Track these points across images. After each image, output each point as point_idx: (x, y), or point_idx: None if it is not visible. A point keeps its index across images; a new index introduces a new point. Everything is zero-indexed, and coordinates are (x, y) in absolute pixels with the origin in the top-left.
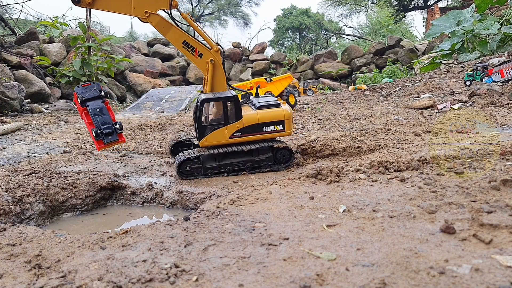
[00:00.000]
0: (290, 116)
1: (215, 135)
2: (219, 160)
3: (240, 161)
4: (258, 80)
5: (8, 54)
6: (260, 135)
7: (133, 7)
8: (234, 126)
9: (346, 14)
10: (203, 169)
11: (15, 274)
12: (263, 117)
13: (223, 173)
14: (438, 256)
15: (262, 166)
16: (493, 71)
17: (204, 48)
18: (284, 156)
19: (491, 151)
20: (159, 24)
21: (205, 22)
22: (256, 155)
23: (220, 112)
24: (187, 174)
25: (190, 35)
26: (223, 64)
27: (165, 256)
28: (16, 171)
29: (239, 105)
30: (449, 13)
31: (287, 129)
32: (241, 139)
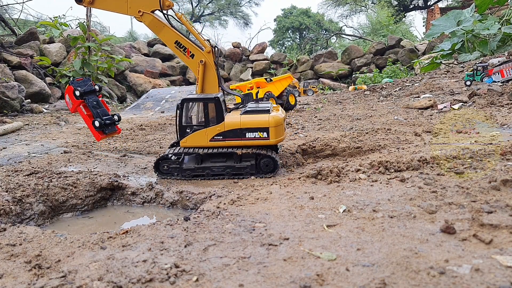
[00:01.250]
0: (277, 123)
1: (196, 137)
2: (199, 163)
3: (220, 166)
4: (258, 80)
5: (8, 54)
6: (242, 141)
7: (129, 6)
8: (215, 129)
9: (346, 14)
10: (181, 170)
11: (15, 274)
12: (246, 123)
13: (202, 177)
14: (438, 256)
15: (244, 174)
16: (493, 71)
17: (196, 49)
18: (268, 165)
19: (491, 151)
20: (151, 23)
21: (205, 22)
22: (237, 161)
23: (201, 113)
24: (165, 173)
25: (184, 35)
26: (217, 66)
27: (165, 256)
28: (16, 171)
29: (220, 107)
30: (449, 13)
31: (272, 137)
32: (222, 143)
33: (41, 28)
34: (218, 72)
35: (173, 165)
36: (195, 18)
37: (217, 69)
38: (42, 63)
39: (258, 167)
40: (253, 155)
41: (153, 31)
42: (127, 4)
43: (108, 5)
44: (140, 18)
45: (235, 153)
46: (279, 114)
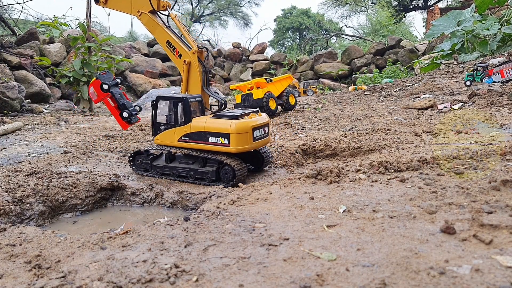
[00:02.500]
0: (240, 131)
1: (166, 135)
2: (168, 162)
3: (185, 168)
4: (258, 81)
5: (8, 55)
6: (205, 144)
7: (132, 7)
8: (182, 129)
9: (346, 14)
10: (152, 166)
11: (15, 275)
12: (209, 126)
13: (168, 176)
14: (438, 257)
15: (205, 179)
16: (493, 72)
17: (184, 50)
18: (227, 174)
19: (491, 151)
20: (148, 23)
21: (205, 23)
22: (201, 165)
23: (171, 113)
24: (139, 168)
25: (177, 35)
26: (204, 67)
27: (165, 257)
28: (16, 171)
29: (189, 108)
30: (449, 14)
31: (232, 145)
32: (188, 144)
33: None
34: (205, 74)
35: (145, 161)
36: (195, 18)
37: (204, 71)
38: (42, 63)
39: (218, 175)
40: (215, 160)
41: (149, 30)
42: (131, 5)
43: (117, 6)
44: (139, 18)
45: (197, 156)
46: (247, 121)
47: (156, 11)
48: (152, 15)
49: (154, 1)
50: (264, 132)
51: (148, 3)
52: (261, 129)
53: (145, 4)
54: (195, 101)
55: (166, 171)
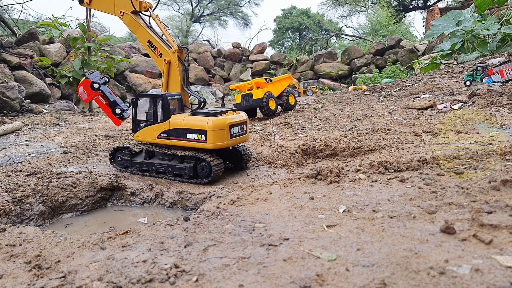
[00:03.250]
0: (217, 128)
1: (146, 132)
2: (147, 158)
3: (163, 164)
4: (258, 81)
5: (8, 55)
6: (184, 141)
7: (115, 7)
8: (161, 126)
9: (346, 14)
10: (131, 162)
11: (15, 275)
12: (187, 123)
13: (147, 172)
14: (438, 256)
15: (183, 175)
16: (493, 72)
17: (164, 49)
18: (203, 170)
19: (491, 151)
20: (130, 23)
21: (205, 23)
22: (179, 162)
23: (151, 110)
24: (119, 164)
25: (158, 35)
26: (184, 66)
27: (165, 257)
28: (16, 171)
29: (168, 105)
30: (449, 14)
31: (209, 141)
32: (167, 141)
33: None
34: (185, 73)
35: (125, 157)
36: (195, 19)
37: (184, 69)
38: (42, 64)
39: (196, 171)
40: (193, 157)
41: (131, 30)
42: (114, 5)
43: (100, 6)
44: (121, 18)
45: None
46: (224, 118)
47: (138, 11)
48: (134, 16)
49: (136, 2)
50: (241, 129)
51: (130, 4)
52: (238, 126)
53: (127, 5)
54: (175, 99)
55: (145, 168)
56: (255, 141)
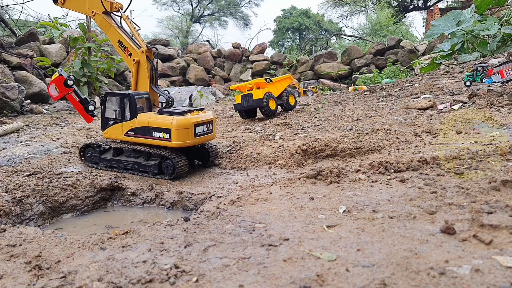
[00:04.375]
0: (181, 126)
1: (114, 129)
2: (115, 155)
3: (130, 161)
4: (258, 81)
5: (8, 55)
6: (149, 139)
7: (87, 7)
8: (128, 124)
9: (346, 14)
10: (100, 159)
11: (15, 275)
12: (153, 122)
13: (115, 168)
14: (438, 257)
15: (148, 172)
16: (493, 72)
17: (134, 49)
18: (167, 167)
19: (491, 151)
20: (101, 23)
21: (205, 23)
22: (145, 159)
23: (119, 108)
24: (88, 161)
25: (128, 35)
26: (153, 66)
27: (165, 257)
28: (16, 171)
29: (134, 104)
30: (449, 14)
31: (173, 140)
32: (133, 139)
33: (41, 29)
34: (153, 72)
35: (94, 154)
36: (195, 19)
37: (152, 69)
38: (42, 64)
39: (160, 168)
40: (158, 155)
41: (102, 29)
42: (86, 5)
43: (74, 6)
44: (93, 18)
45: (142, 150)
46: (189, 117)
47: (109, 12)
48: (105, 16)
49: (107, 3)
50: (207, 128)
51: (101, 4)
52: (203, 125)
53: (99, 6)
54: (142, 97)
55: (113, 164)
56: (255, 141)
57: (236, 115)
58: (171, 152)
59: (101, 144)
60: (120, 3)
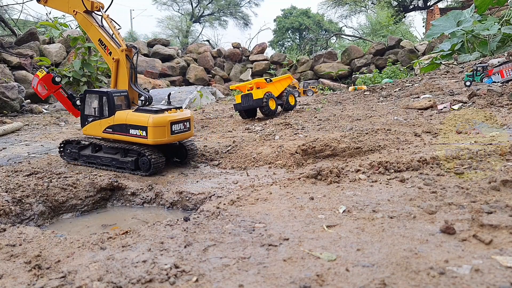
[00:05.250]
0: (157, 124)
1: (93, 126)
2: (93, 151)
3: (108, 158)
4: (258, 81)
5: (8, 55)
6: (127, 136)
7: (69, 6)
8: (106, 121)
9: (346, 14)
10: (79, 155)
11: (15, 275)
12: (130, 119)
13: (94, 165)
14: (438, 257)
15: (125, 169)
16: (493, 72)
17: (113, 48)
18: (144, 164)
19: (491, 151)
20: (82, 22)
21: (205, 23)
22: (122, 155)
23: (97, 106)
24: (68, 157)
25: (109, 34)
26: (132, 64)
27: (165, 257)
28: (16, 171)
29: (113, 102)
30: (449, 14)
31: (150, 137)
32: (111, 135)
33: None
34: (132, 71)
35: (74, 150)
36: (195, 19)
37: (132, 68)
38: (42, 64)
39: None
40: (135, 151)
41: (83, 28)
42: (68, 4)
43: (56, 5)
44: (75, 17)
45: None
46: (165, 115)
47: (91, 11)
48: (86, 15)
49: (88, 2)
50: (184, 126)
51: (82, 3)
52: (180, 123)
53: (80, 5)
54: (121, 95)
55: (91, 160)
56: (255, 141)
57: (236, 115)
58: (148, 149)
59: (80, 141)
60: (101, 3)
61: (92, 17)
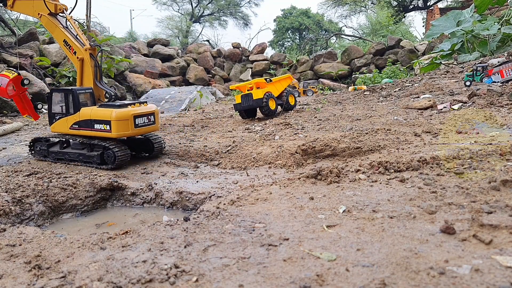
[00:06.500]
0: (120, 118)
1: (60, 123)
2: (61, 148)
3: (75, 153)
4: (258, 81)
5: (8, 55)
6: (92, 131)
7: (34, 10)
8: (72, 118)
9: (346, 14)
10: (48, 152)
11: (15, 275)
12: (94, 114)
13: (62, 160)
14: (438, 257)
15: (92, 162)
16: (493, 72)
17: (78, 47)
18: (109, 157)
19: (491, 151)
20: (47, 24)
21: (205, 23)
22: (89, 150)
23: (63, 103)
24: (38, 154)
25: (73, 35)
26: (96, 63)
27: (165, 257)
28: (16, 171)
29: (77, 99)
30: (449, 14)
31: (113, 131)
32: (78, 131)
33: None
34: (97, 69)
35: (43, 147)
36: (195, 19)
37: (96, 66)
38: (42, 64)
39: (103, 158)
40: (101, 146)
41: (49, 30)
42: (33, 8)
43: (22, 9)
44: (40, 19)
45: (86, 142)
46: (128, 109)
47: (55, 13)
48: (51, 17)
49: (51, 5)
50: (148, 120)
51: (45, 7)
52: (144, 117)
53: (44, 8)
54: (86, 93)
55: (60, 156)
56: (255, 141)
57: (236, 115)
58: (112, 142)
59: (49, 138)
60: (65, 5)
61: (56, 19)
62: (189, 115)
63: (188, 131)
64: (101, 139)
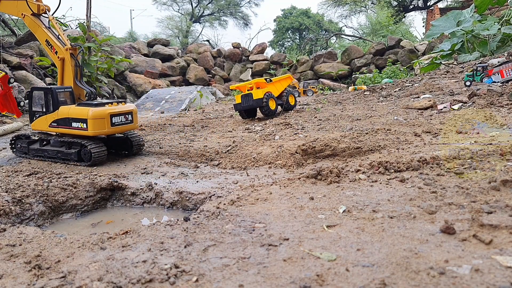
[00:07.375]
0: (97, 116)
1: (40, 121)
2: (41, 145)
3: (54, 150)
4: (258, 81)
5: (8, 55)
6: (70, 129)
7: (18, 10)
8: (51, 116)
9: (346, 14)
10: (28, 149)
11: (15, 275)
12: (72, 113)
13: (41, 157)
14: (438, 257)
15: (70, 160)
16: (493, 72)
17: (59, 47)
18: (85, 155)
19: (491, 151)
20: (30, 24)
21: (205, 23)
22: (67, 148)
23: (42, 101)
24: (19, 151)
25: (55, 35)
26: (77, 62)
27: (165, 257)
28: (16, 171)
29: (56, 97)
30: (449, 14)
31: (90, 129)
32: (56, 129)
33: None
34: (77, 68)
35: (23, 145)
36: (195, 19)
37: (77, 65)
38: (42, 64)
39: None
40: (79, 143)
41: (32, 30)
42: (17, 8)
43: (6, 9)
44: (23, 19)
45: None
46: (105, 108)
47: (38, 14)
48: (34, 18)
49: (34, 5)
50: (125, 118)
51: (28, 7)
52: (121, 116)
53: (27, 8)
54: (65, 91)
55: (39, 154)
56: (255, 141)
57: (236, 115)
58: (89, 140)
59: (30, 136)
60: (47, 6)
61: (39, 20)
62: (189, 115)
63: (188, 131)
64: (78, 137)
